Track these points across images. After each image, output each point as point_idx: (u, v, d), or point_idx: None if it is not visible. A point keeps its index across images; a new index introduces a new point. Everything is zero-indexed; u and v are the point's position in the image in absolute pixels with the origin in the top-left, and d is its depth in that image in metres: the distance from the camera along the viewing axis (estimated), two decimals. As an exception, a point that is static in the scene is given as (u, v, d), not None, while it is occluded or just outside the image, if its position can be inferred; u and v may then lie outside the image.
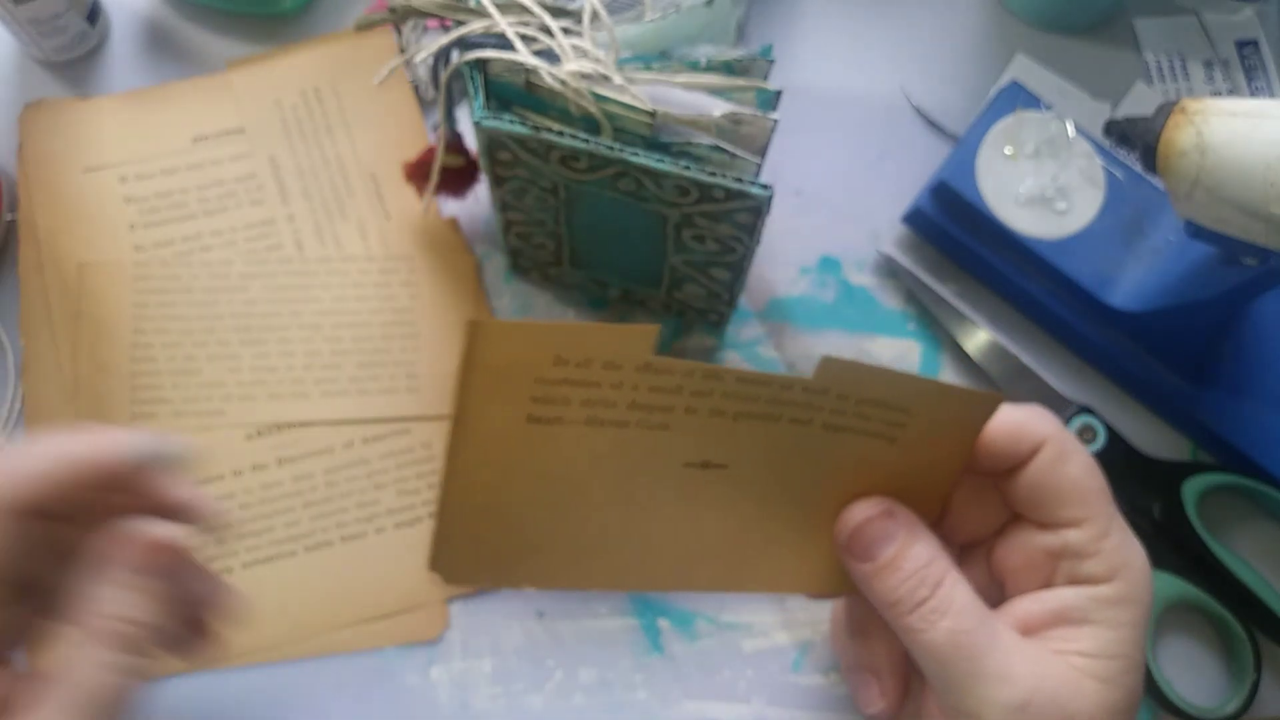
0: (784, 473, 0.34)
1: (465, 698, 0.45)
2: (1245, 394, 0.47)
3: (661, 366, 0.31)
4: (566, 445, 0.32)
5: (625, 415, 0.32)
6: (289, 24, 0.55)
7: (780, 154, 0.52)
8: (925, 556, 0.32)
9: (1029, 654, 0.31)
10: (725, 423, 0.33)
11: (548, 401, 0.31)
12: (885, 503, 0.34)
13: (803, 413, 0.33)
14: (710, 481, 0.34)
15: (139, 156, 0.51)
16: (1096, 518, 0.33)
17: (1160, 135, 0.38)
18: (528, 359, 0.30)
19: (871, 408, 0.33)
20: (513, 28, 0.38)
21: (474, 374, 0.30)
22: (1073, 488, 0.33)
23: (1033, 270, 0.49)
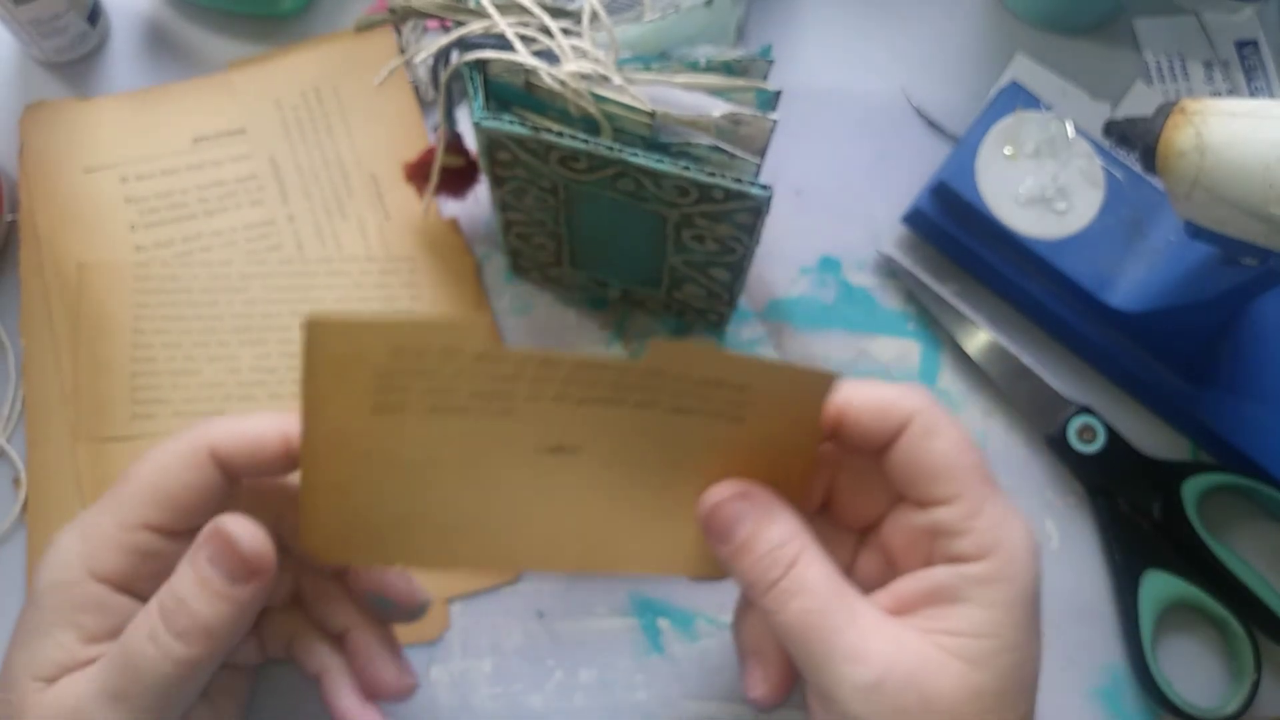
0: (639, 455, 0.35)
1: (465, 698, 0.45)
2: (1245, 394, 0.47)
3: (497, 355, 0.33)
4: (414, 432, 0.34)
5: (467, 403, 0.34)
6: (289, 24, 0.55)
7: (780, 154, 0.52)
8: (779, 536, 0.32)
9: (888, 633, 0.31)
10: (570, 408, 0.34)
11: (390, 391, 0.33)
12: (741, 484, 0.34)
13: (647, 396, 0.34)
14: (564, 465, 0.35)
15: (139, 157, 0.51)
16: (967, 495, 0.32)
17: (1160, 135, 0.38)
18: (366, 352, 0.32)
19: (711, 388, 0.34)
20: (512, 28, 0.38)
21: (316, 367, 0.32)
22: (941, 464, 0.32)
23: (1033, 270, 0.49)
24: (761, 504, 0.33)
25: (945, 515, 0.32)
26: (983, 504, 0.32)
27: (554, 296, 0.51)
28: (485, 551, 0.36)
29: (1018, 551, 0.32)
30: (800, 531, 0.33)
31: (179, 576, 0.32)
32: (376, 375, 0.33)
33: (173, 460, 0.34)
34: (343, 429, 0.34)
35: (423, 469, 0.35)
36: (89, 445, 0.47)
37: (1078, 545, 0.48)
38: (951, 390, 0.50)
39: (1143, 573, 0.46)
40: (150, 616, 0.32)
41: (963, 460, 0.33)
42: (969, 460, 0.33)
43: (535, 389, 0.34)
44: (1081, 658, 0.46)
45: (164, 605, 0.32)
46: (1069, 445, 0.47)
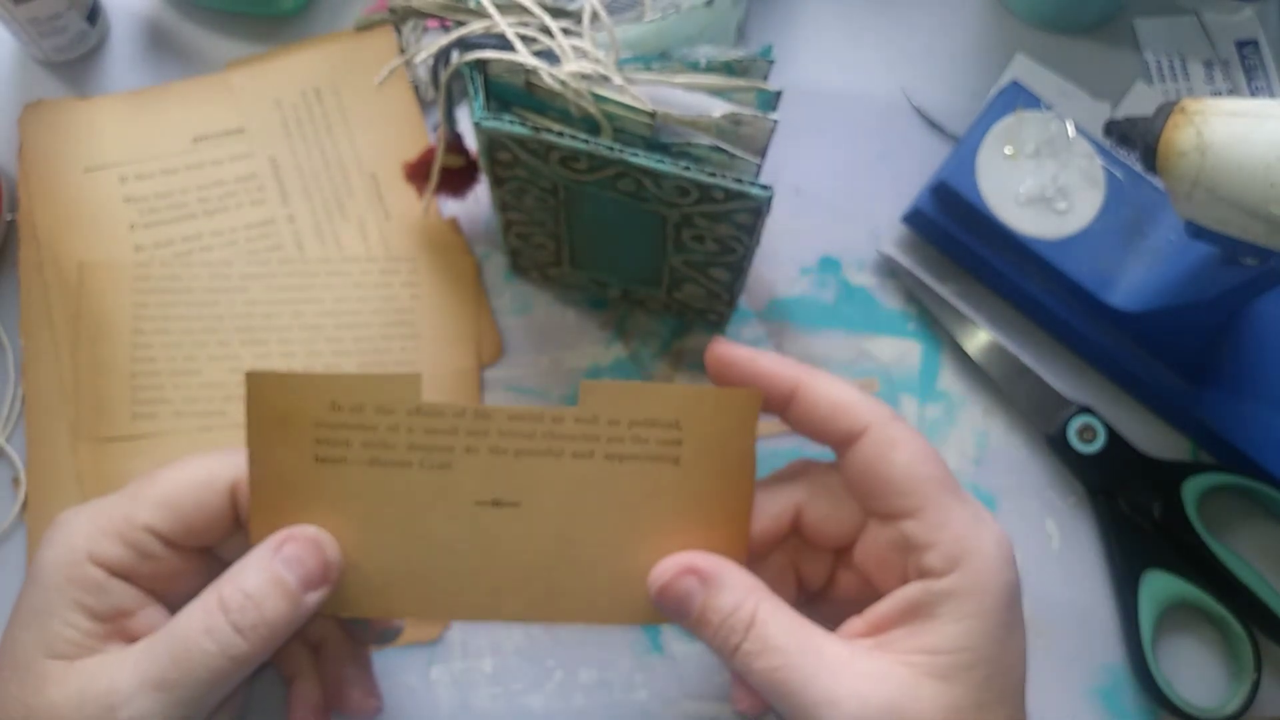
0: (579, 507, 0.36)
1: (465, 698, 0.45)
2: (1245, 394, 0.47)
3: (431, 409, 0.35)
4: (355, 484, 0.35)
5: (406, 456, 0.35)
6: (289, 24, 0.55)
7: (780, 154, 0.52)
8: (729, 604, 0.32)
9: (859, 669, 0.31)
10: (508, 461, 0.36)
11: (330, 443, 0.35)
12: (682, 559, 0.34)
13: (582, 445, 0.35)
14: (505, 518, 0.36)
15: (139, 156, 0.51)
16: (930, 506, 0.32)
17: (1160, 135, 0.38)
18: (305, 405, 0.35)
19: (644, 428, 0.35)
20: (513, 28, 0.38)
21: (258, 419, 0.35)
22: (901, 476, 0.32)
23: (1033, 270, 0.49)
24: (707, 573, 0.33)
25: (910, 529, 0.32)
26: (948, 515, 0.32)
27: (554, 296, 0.51)
28: (427, 602, 0.37)
29: (987, 560, 0.31)
30: (753, 589, 0.33)
31: (247, 574, 0.33)
32: (316, 427, 0.35)
33: (196, 479, 0.35)
34: (287, 478, 0.35)
35: (365, 519, 0.36)
36: (89, 445, 0.47)
37: (1078, 545, 0.48)
38: (951, 390, 0.50)
39: (1143, 573, 0.46)
40: (208, 611, 0.32)
41: (923, 471, 0.32)
42: (930, 471, 0.32)
43: (472, 442, 0.35)
44: (1081, 658, 0.46)
45: (227, 601, 0.32)
46: (1069, 445, 0.48)
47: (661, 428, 0.36)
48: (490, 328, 0.50)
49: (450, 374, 0.48)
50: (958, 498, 0.32)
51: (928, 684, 0.30)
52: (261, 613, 0.32)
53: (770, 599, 0.32)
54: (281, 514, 0.35)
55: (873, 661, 0.31)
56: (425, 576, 0.36)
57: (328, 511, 0.36)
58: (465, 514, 0.36)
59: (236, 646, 0.32)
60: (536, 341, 0.50)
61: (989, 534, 0.32)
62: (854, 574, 0.36)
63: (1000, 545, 0.32)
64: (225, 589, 0.33)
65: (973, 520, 0.32)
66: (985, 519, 0.33)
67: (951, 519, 0.32)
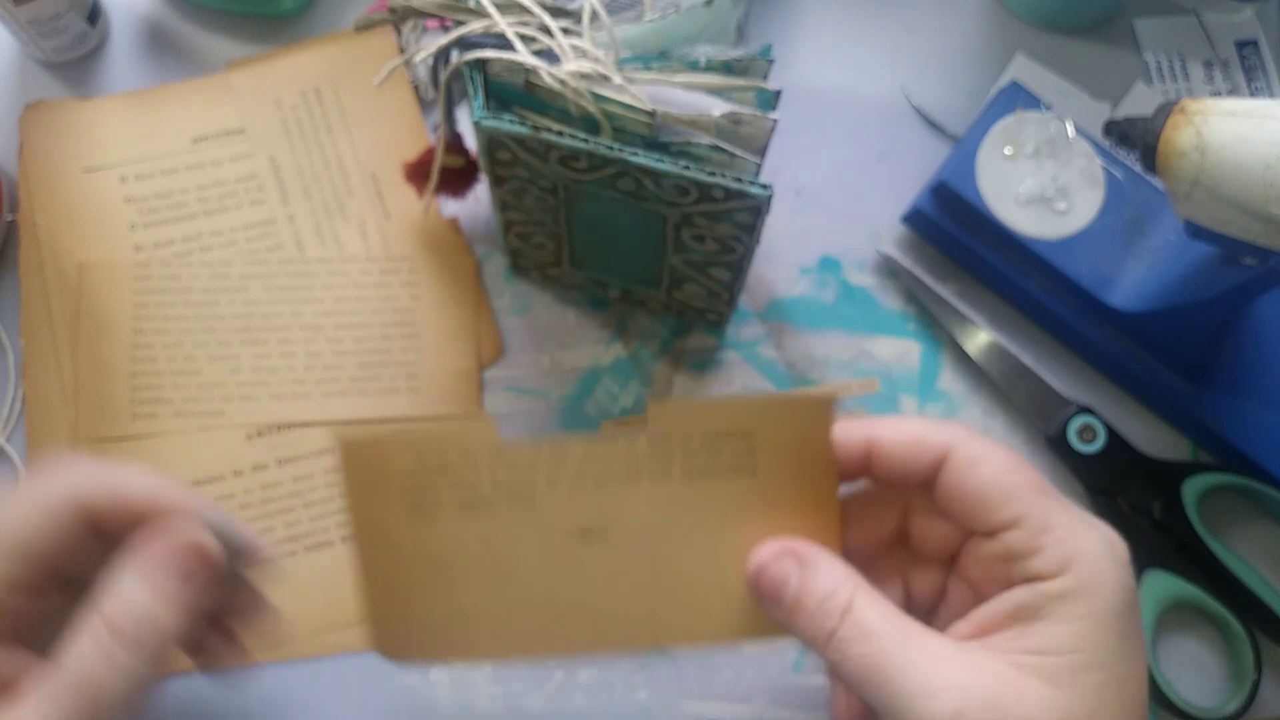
0: (665, 527, 0.36)
1: (465, 698, 0.45)
2: (1245, 394, 0.47)
3: (510, 447, 0.36)
4: (449, 529, 0.37)
5: (493, 496, 0.36)
6: (289, 24, 0.55)
7: (780, 154, 0.52)
8: (826, 587, 0.31)
9: (961, 661, 0.29)
10: (589, 490, 0.36)
11: (420, 492, 0.36)
12: (780, 543, 0.33)
13: (659, 466, 0.36)
14: (595, 548, 0.37)
15: (139, 157, 0.51)
16: (1030, 514, 0.31)
17: (1160, 135, 0.38)
18: (393, 462, 0.36)
19: (718, 441, 0.35)
20: (512, 28, 0.38)
21: (353, 482, 0.36)
22: (993, 489, 0.31)
23: (1033, 270, 0.49)
24: (804, 557, 0.32)
25: (1013, 539, 0.31)
26: (1049, 518, 0.30)
27: (554, 296, 0.51)
28: (536, 640, 0.37)
29: (1098, 561, 0.30)
30: (849, 576, 0.31)
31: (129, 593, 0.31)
32: (406, 480, 0.36)
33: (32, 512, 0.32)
34: (386, 535, 0.36)
35: (464, 564, 0.37)
36: (89, 445, 0.47)
37: (1078, 545, 0.48)
38: (951, 390, 0.50)
39: (1143, 573, 0.46)
40: (100, 642, 0.31)
41: (1015, 479, 0.31)
42: (1021, 479, 0.31)
43: (553, 475, 0.36)
44: (1081, 658, 0.46)
45: (117, 626, 0.31)
46: (1069, 445, 0.47)
47: (734, 439, 0.36)
48: (490, 328, 0.50)
49: (450, 374, 0.48)
50: (1055, 500, 0.31)
51: (1034, 685, 0.29)
52: (159, 631, 0.31)
53: (867, 588, 0.31)
54: (386, 572, 0.37)
55: (976, 655, 0.30)
56: (529, 615, 0.37)
57: (427, 562, 0.37)
58: (556, 547, 0.37)
59: (140, 670, 0.31)
60: (536, 341, 0.50)
61: (1098, 534, 0.31)
62: (962, 586, 0.34)
63: (1113, 546, 0.31)
64: (112, 611, 0.31)
65: (1077, 522, 0.31)
66: (1092, 521, 0.31)
67: (1054, 522, 0.30)
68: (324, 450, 0.47)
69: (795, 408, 0.34)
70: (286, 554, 0.46)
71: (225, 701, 0.45)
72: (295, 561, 0.46)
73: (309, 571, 0.46)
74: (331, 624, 0.45)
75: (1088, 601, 0.30)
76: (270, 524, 0.46)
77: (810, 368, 0.50)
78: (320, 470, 0.47)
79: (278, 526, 0.46)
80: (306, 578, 0.46)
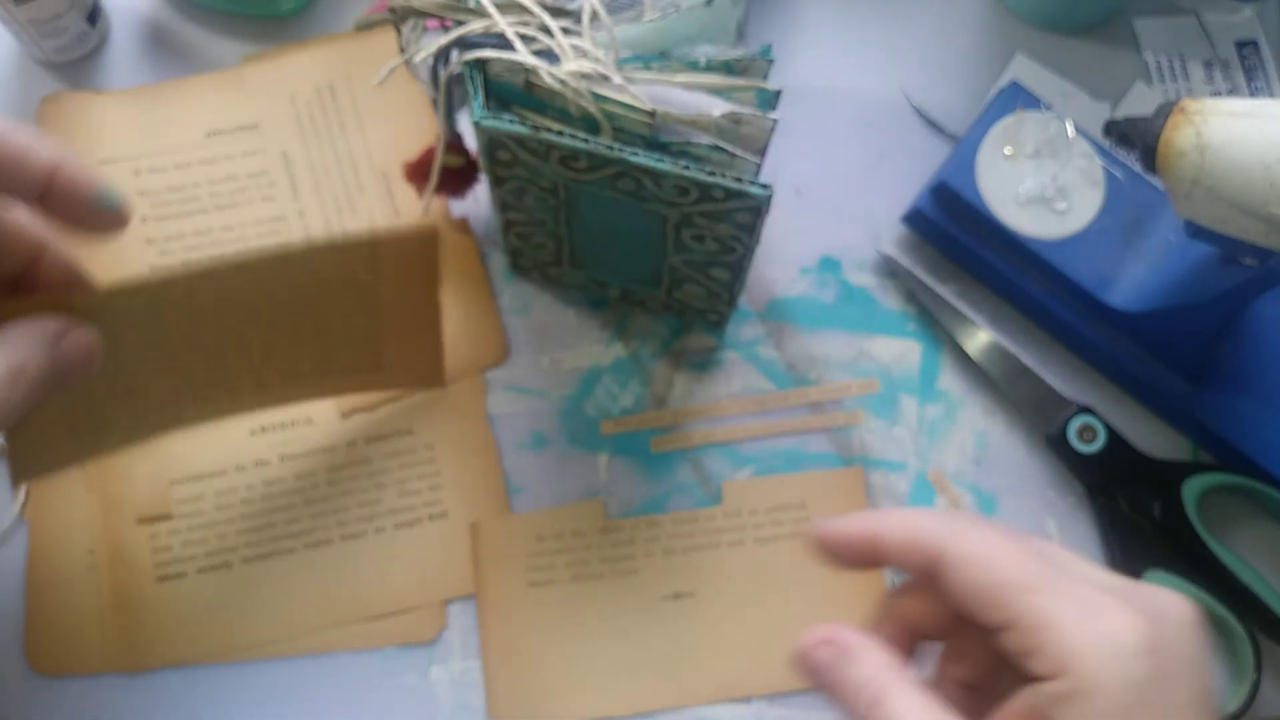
0: (743, 588, 0.45)
1: (465, 698, 0.45)
2: (1245, 394, 0.47)
3: (615, 526, 0.45)
4: (564, 598, 0.45)
5: (600, 569, 0.45)
6: (289, 24, 0.55)
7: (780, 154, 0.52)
8: (861, 676, 0.31)
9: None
10: (679, 558, 0.45)
11: (539, 569, 0.45)
12: (822, 631, 0.32)
13: (734, 536, 0.46)
14: (685, 609, 0.45)
15: (152, 150, 0.51)
16: (1023, 616, 0.29)
17: (1160, 135, 0.38)
18: (515, 542, 0.45)
19: (778, 513, 0.46)
20: (512, 28, 0.38)
21: (481, 560, 0.45)
22: (982, 594, 0.30)
23: (1033, 270, 0.49)
24: (843, 645, 0.32)
25: (1008, 641, 0.29)
26: (1044, 617, 0.29)
27: (554, 296, 0.51)
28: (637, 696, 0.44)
29: (1099, 660, 0.28)
30: (885, 667, 0.31)
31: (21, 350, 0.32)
32: (528, 558, 0.45)
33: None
34: (508, 604, 0.44)
35: (575, 629, 0.44)
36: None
37: (1078, 545, 0.48)
38: (951, 390, 0.50)
39: (1143, 573, 0.46)
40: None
41: (1002, 576, 0.30)
42: (1010, 574, 0.30)
43: (649, 547, 0.45)
44: (1081, 658, 0.46)
45: None
46: (1069, 445, 0.47)
47: (792, 509, 0.46)
48: (496, 328, 0.50)
49: (457, 374, 0.48)
50: (1057, 592, 0.29)
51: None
52: None
53: (904, 679, 0.30)
54: (506, 636, 0.44)
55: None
56: (633, 672, 0.44)
57: (541, 626, 0.44)
58: (654, 609, 0.44)
59: None
60: (536, 341, 0.50)
61: (1105, 625, 0.28)
62: None
63: (1116, 637, 0.28)
64: None
65: (1083, 615, 0.28)
66: (1104, 606, 0.29)
67: (1051, 621, 0.28)
68: (326, 448, 0.47)
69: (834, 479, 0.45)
70: (285, 551, 0.46)
71: (225, 699, 0.45)
72: (295, 558, 0.46)
73: (308, 569, 0.46)
74: (329, 622, 0.45)
75: (1091, 702, 0.28)
76: (270, 520, 0.46)
77: (810, 368, 0.50)
78: (322, 468, 0.47)
79: (278, 523, 0.46)
80: (305, 575, 0.46)
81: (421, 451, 0.48)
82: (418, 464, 0.47)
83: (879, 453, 0.49)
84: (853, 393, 0.49)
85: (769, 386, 0.49)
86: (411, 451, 0.48)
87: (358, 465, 0.47)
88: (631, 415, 0.49)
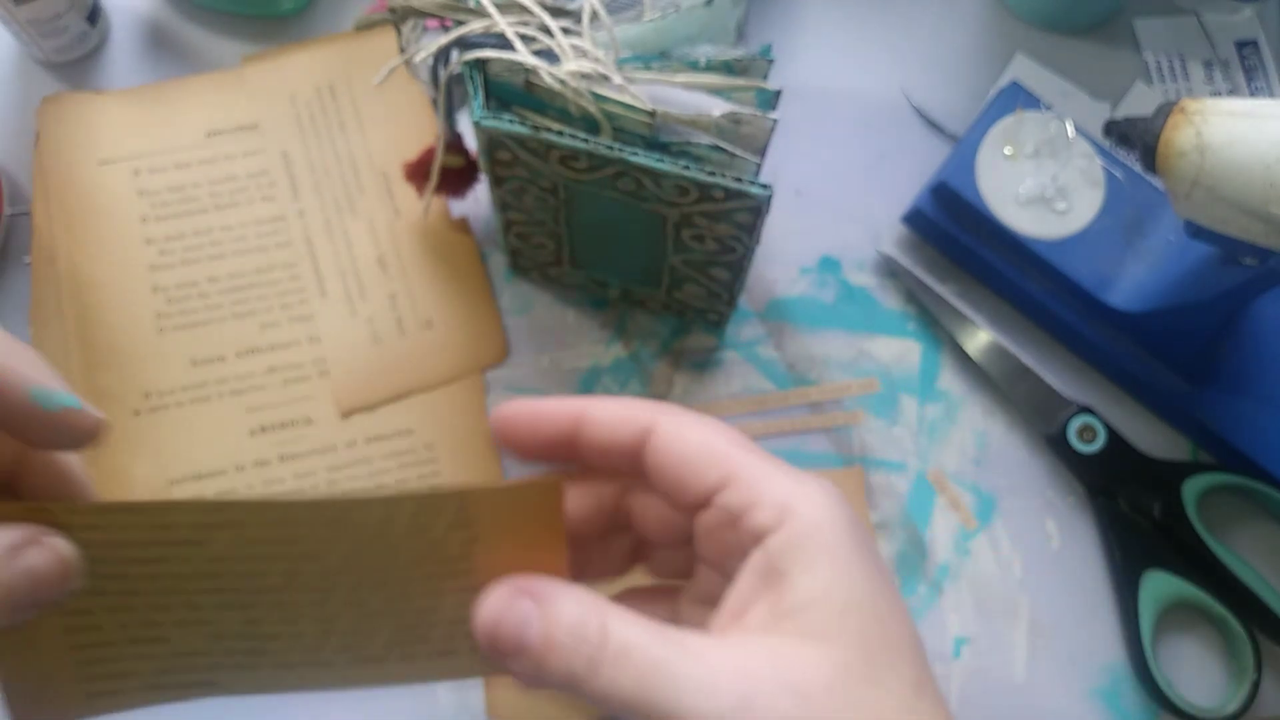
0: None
1: (465, 698, 0.45)
2: (1245, 394, 0.47)
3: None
4: None
5: None
6: (289, 25, 0.55)
7: (780, 154, 0.52)
8: (572, 614, 0.27)
9: (730, 651, 0.27)
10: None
11: None
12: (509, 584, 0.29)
13: None
14: None
15: (153, 150, 0.51)
16: (739, 470, 0.29)
17: (1160, 135, 0.38)
18: None
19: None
20: (512, 28, 0.38)
21: None
22: (698, 453, 0.29)
23: (1033, 270, 0.49)
24: (540, 593, 0.28)
25: (727, 499, 0.29)
26: (762, 472, 0.29)
27: (554, 296, 0.51)
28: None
29: (817, 502, 0.28)
30: (594, 600, 0.28)
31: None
32: None
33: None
34: None
35: None
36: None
37: (1078, 545, 0.48)
38: (951, 390, 0.50)
39: (1143, 573, 0.46)
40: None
41: (719, 440, 0.30)
42: (726, 439, 0.30)
43: None
44: (1081, 658, 0.46)
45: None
46: (1069, 445, 0.47)
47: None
48: (496, 328, 0.50)
49: (457, 375, 0.48)
50: (767, 458, 0.30)
51: (806, 646, 0.27)
52: None
53: (615, 606, 0.28)
54: None
55: (741, 639, 0.28)
56: None
57: None
58: None
59: None
60: (536, 341, 0.50)
61: (812, 482, 0.29)
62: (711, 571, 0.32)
63: (826, 490, 0.29)
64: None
65: (792, 475, 0.29)
66: (806, 474, 0.30)
67: (765, 473, 0.29)
68: (326, 448, 0.47)
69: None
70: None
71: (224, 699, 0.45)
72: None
73: (309, 571, 0.46)
74: (331, 624, 0.45)
75: (819, 541, 0.28)
76: (270, 524, 0.46)
77: (810, 368, 0.50)
78: (322, 468, 0.47)
79: (278, 526, 0.46)
80: (306, 577, 0.46)
81: (421, 451, 0.48)
82: (418, 464, 0.47)
83: (879, 453, 0.49)
84: (853, 393, 0.49)
85: (769, 386, 0.49)
86: (411, 451, 0.48)
87: (358, 465, 0.47)
88: (631, 415, 0.49)
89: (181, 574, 0.31)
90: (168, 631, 0.32)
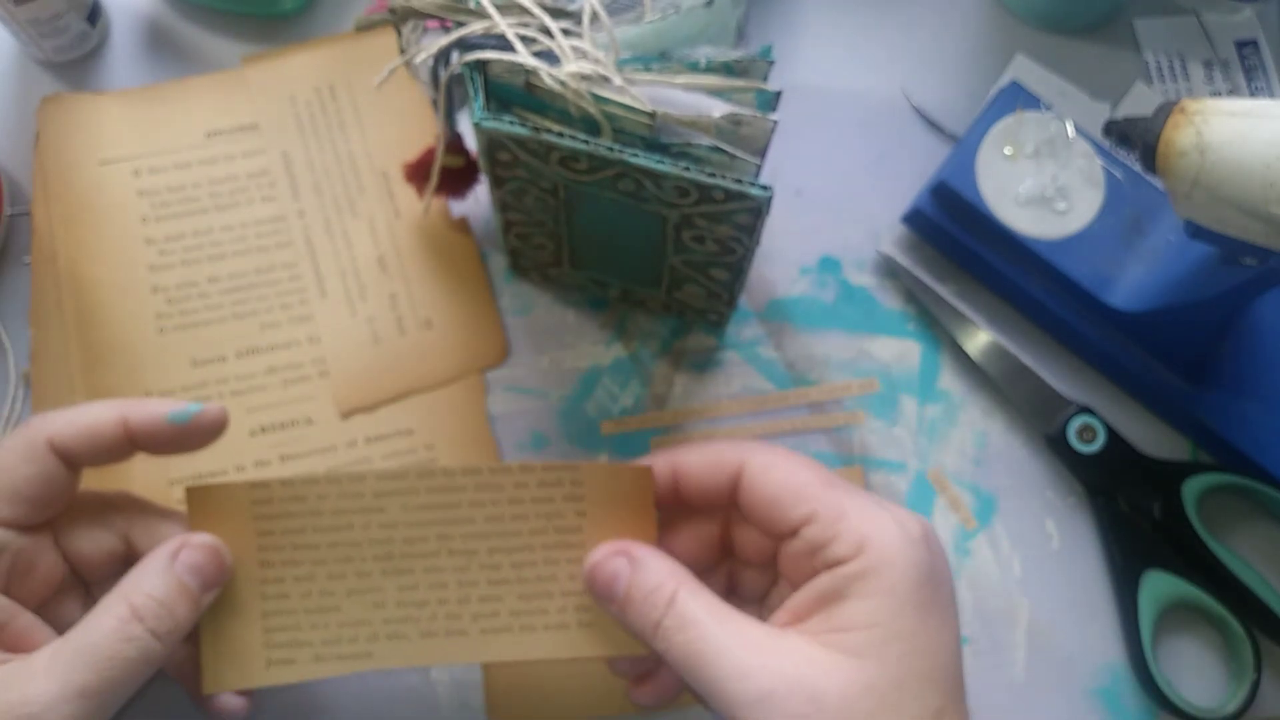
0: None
1: (465, 697, 0.45)
2: (1245, 394, 0.47)
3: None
4: None
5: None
6: (289, 25, 0.55)
7: (780, 154, 0.52)
8: (653, 580, 0.34)
9: (774, 645, 0.32)
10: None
11: None
12: (613, 544, 0.36)
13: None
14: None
15: (153, 150, 0.52)
16: (823, 507, 0.33)
17: (1160, 135, 0.38)
18: None
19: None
20: (512, 29, 0.38)
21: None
22: (785, 491, 0.34)
23: (1033, 270, 0.49)
24: (635, 556, 0.35)
25: (810, 533, 0.33)
26: (841, 509, 0.33)
27: (554, 296, 0.51)
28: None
29: (889, 541, 0.32)
30: (675, 572, 0.34)
31: (152, 581, 0.34)
32: None
33: (11, 456, 0.35)
34: None
35: None
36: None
37: (1078, 545, 0.48)
38: (951, 390, 0.50)
39: (1143, 573, 0.46)
40: (123, 620, 0.33)
41: (803, 479, 0.34)
42: (810, 477, 0.34)
43: None
44: (1081, 658, 0.46)
45: (139, 608, 0.33)
46: (1069, 445, 0.48)
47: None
48: (496, 328, 0.50)
49: (457, 375, 0.48)
50: (847, 492, 0.34)
51: (840, 660, 0.31)
52: (175, 618, 0.34)
53: (692, 582, 0.34)
54: None
55: (787, 639, 0.32)
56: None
57: None
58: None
59: (155, 651, 0.33)
60: (536, 341, 0.50)
61: (889, 517, 0.33)
62: (786, 586, 0.36)
63: (905, 526, 0.33)
64: (135, 598, 0.34)
65: (871, 508, 0.33)
66: (885, 505, 0.34)
67: (847, 510, 0.33)
68: (326, 448, 0.47)
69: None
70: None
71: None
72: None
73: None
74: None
75: (882, 578, 0.32)
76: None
77: (810, 368, 0.50)
78: (322, 467, 0.47)
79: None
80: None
81: (421, 451, 0.48)
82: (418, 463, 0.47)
83: (879, 453, 0.49)
84: (853, 393, 0.49)
85: (769, 387, 0.49)
86: (411, 451, 0.48)
87: (358, 465, 0.47)
88: (632, 416, 0.49)
89: (358, 541, 0.36)
90: (339, 600, 0.37)
